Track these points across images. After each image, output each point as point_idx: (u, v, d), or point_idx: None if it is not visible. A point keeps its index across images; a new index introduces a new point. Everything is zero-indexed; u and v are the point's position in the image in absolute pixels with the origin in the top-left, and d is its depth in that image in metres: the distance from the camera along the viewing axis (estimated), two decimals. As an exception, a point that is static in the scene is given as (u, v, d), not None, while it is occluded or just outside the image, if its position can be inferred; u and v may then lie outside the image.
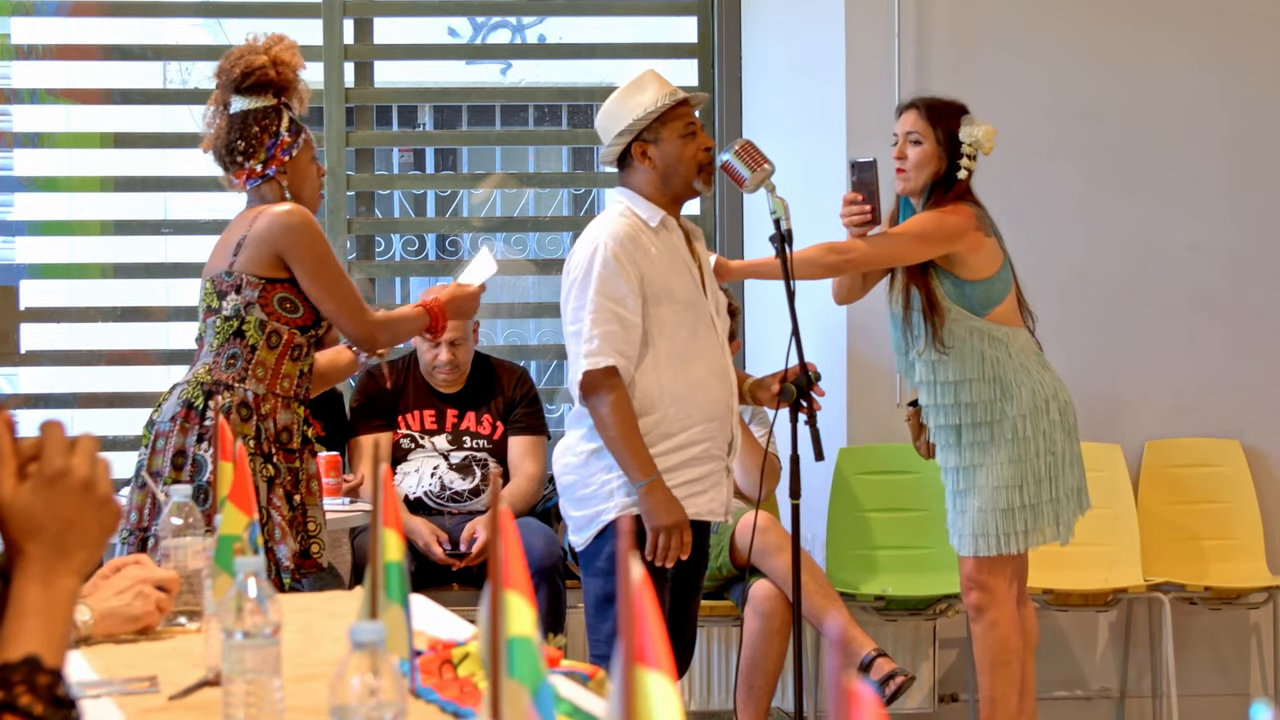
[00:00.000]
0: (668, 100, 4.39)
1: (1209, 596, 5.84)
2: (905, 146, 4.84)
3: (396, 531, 2.22)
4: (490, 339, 6.76)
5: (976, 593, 4.88)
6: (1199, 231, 6.09)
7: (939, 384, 4.84)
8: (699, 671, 5.75)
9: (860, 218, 4.77)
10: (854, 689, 1.04)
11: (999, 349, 4.81)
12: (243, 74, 4.41)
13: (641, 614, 1.18)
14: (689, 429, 4.37)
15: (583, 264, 4.35)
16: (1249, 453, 6.08)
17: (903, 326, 4.86)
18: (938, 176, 4.83)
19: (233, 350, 4.23)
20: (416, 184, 8.30)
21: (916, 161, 4.83)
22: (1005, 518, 4.80)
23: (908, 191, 4.88)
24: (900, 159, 4.84)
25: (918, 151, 4.82)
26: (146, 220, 6.61)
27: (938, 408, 4.86)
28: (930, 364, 4.84)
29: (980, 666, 4.94)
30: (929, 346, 4.81)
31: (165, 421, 4.20)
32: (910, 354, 4.88)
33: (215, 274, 4.29)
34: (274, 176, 4.34)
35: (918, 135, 4.83)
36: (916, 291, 4.81)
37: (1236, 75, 6.10)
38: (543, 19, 8.47)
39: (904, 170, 4.84)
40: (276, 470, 4.21)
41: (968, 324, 4.81)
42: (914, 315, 4.82)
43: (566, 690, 2.40)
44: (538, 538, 5.38)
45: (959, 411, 4.82)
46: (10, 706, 1.56)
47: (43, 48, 6.34)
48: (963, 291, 4.82)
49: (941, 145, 4.82)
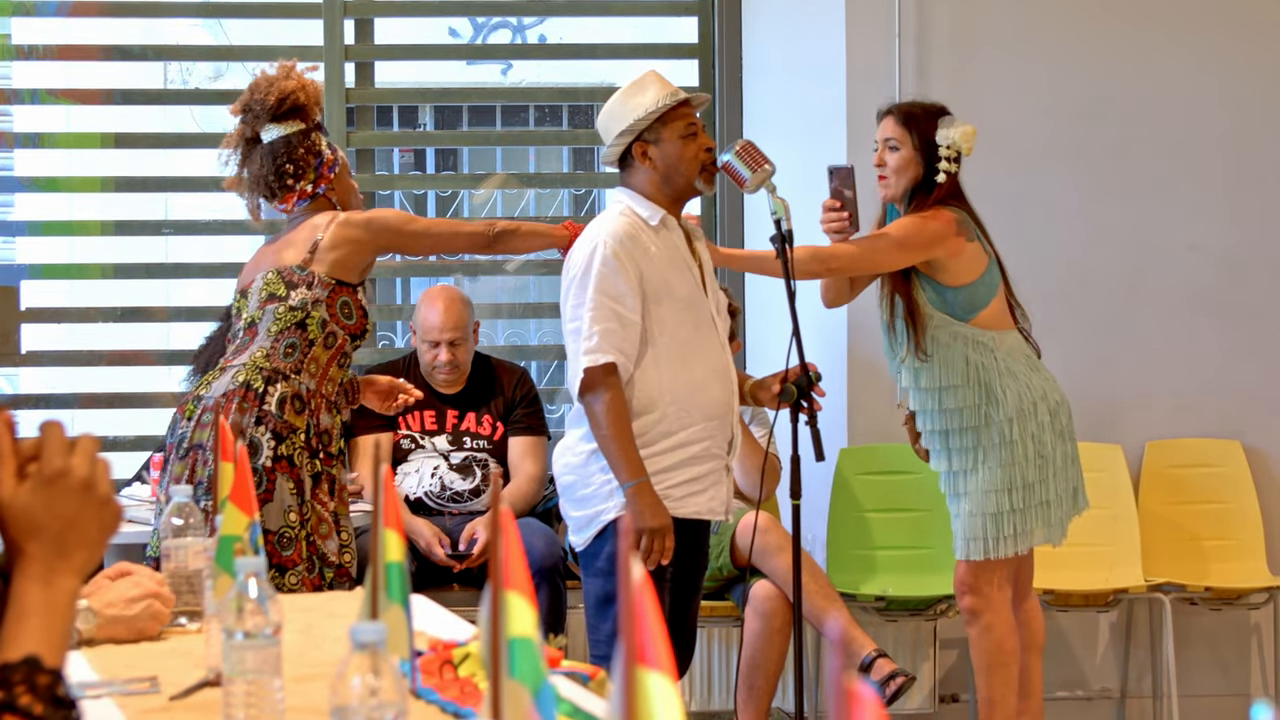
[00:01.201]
0: (669, 100, 4.39)
1: (1209, 597, 5.84)
2: (884, 153, 4.85)
3: (397, 532, 2.23)
4: (490, 339, 6.76)
5: (969, 597, 4.88)
6: (1198, 231, 6.09)
7: (924, 390, 4.85)
8: (699, 672, 5.75)
9: (839, 224, 4.79)
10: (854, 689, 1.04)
11: (983, 354, 4.81)
12: (278, 101, 4.57)
13: (642, 614, 1.18)
14: (689, 428, 4.37)
15: (582, 262, 4.35)
16: (1249, 453, 6.08)
17: (889, 333, 4.87)
18: (917, 181, 4.83)
19: (291, 340, 4.43)
20: (417, 184, 8.30)
21: (895, 167, 4.83)
22: (994, 521, 4.80)
23: (889, 198, 4.89)
24: (880, 165, 4.85)
25: (896, 157, 4.83)
26: (147, 221, 6.61)
27: (925, 413, 4.88)
28: (914, 370, 4.84)
29: (977, 669, 4.94)
30: (910, 354, 4.81)
31: (216, 398, 4.32)
32: (896, 360, 4.88)
33: (284, 267, 4.49)
34: (324, 194, 4.59)
35: (895, 141, 4.83)
36: (898, 298, 4.82)
37: (1236, 75, 6.10)
38: (543, 19, 8.47)
39: (884, 177, 4.85)
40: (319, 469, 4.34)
41: (951, 330, 4.81)
42: (898, 322, 4.83)
43: (567, 690, 2.41)
44: (538, 538, 5.38)
45: (945, 417, 4.83)
46: (10, 706, 1.55)
47: (43, 48, 6.34)
48: (945, 298, 4.82)
49: (918, 150, 4.81)
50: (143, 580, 2.87)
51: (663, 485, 4.33)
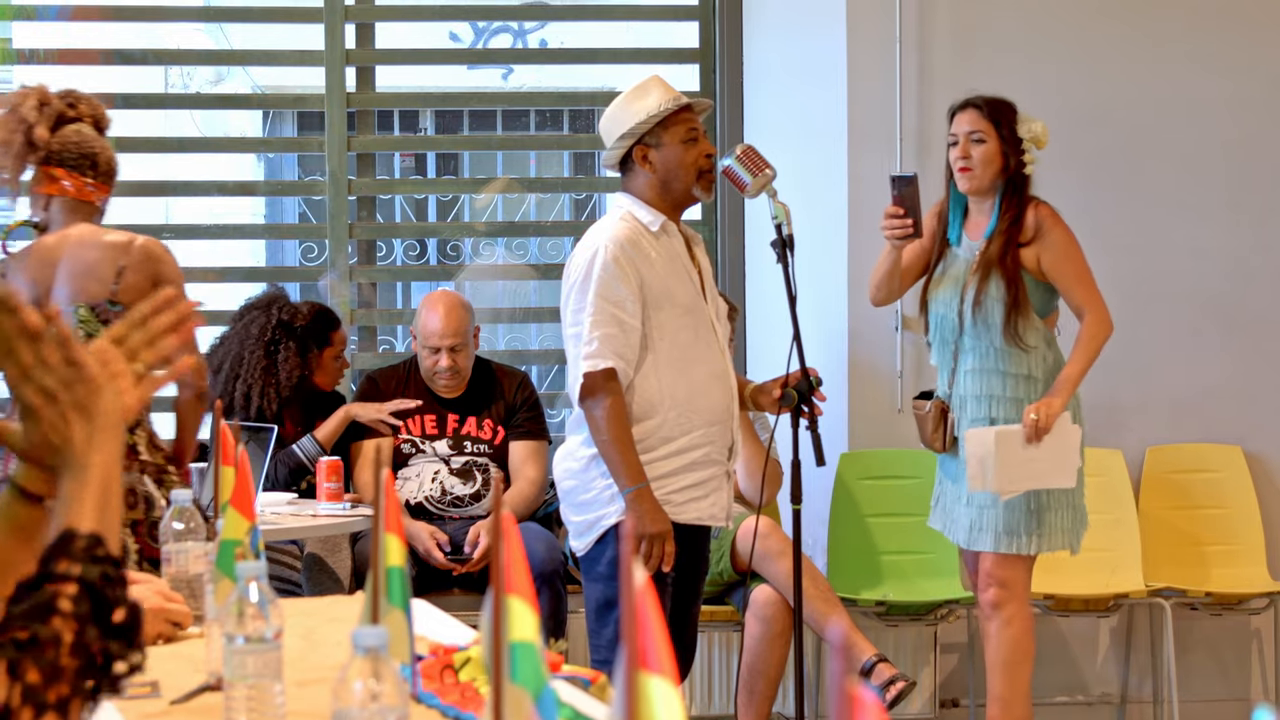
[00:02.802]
0: (671, 105, 4.39)
1: (1210, 602, 5.84)
2: (967, 146, 4.89)
3: (398, 536, 2.23)
4: (491, 344, 6.76)
5: (995, 589, 4.89)
6: (1202, 236, 6.08)
7: (999, 374, 4.86)
8: (700, 676, 5.75)
9: (902, 230, 4.82)
10: (855, 694, 1.04)
11: (1054, 351, 4.91)
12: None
13: (644, 618, 1.18)
14: (689, 433, 4.37)
15: (583, 267, 4.35)
16: (1250, 458, 6.08)
17: (972, 311, 4.85)
18: (1002, 174, 4.88)
19: None
20: (418, 189, 8.29)
21: (982, 159, 4.88)
22: (1036, 518, 4.83)
23: (974, 190, 4.91)
24: (965, 158, 4.88)
25: (982, 150, 4.88)
26: (148, 225, 6.60)
27: (985, 398, 4.88)
28: (997, 352, 4.85)
29: (992, 665, 4.93)
30: (1009, 341, 4.82)
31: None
32: (963, 339, 4.88)
33: (97, 302, 4.30)
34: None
35: (980, 134, 4.88)
36: (1003, 284, 4.83)
37: (1241, 79, 6.10)
38: (544, 24, 8.47)
39: (969, 169, 4.88)
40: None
41: (1034, 323, 4.89)
42: (991, 303, 4.84)
43: (568, 695, 2.40)
44: (539, 543, 5.38)
45: (1006, 405, 4.85)
46: (49, 576, 1.59)
47: (44, 52, 6.34)
48: (1036, 294, 4.90)
49: (1006, 142, 4.88)
50: (148, 595, 2.86)
51: (663, 491, 4.33)
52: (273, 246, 7.98)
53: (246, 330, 5.68)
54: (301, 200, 8.18)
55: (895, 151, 5.89)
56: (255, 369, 5.61)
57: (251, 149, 8.33)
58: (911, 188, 4.80)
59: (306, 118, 7.97)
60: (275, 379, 5.62)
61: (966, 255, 4.94)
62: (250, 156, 8.34)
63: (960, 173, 4.89)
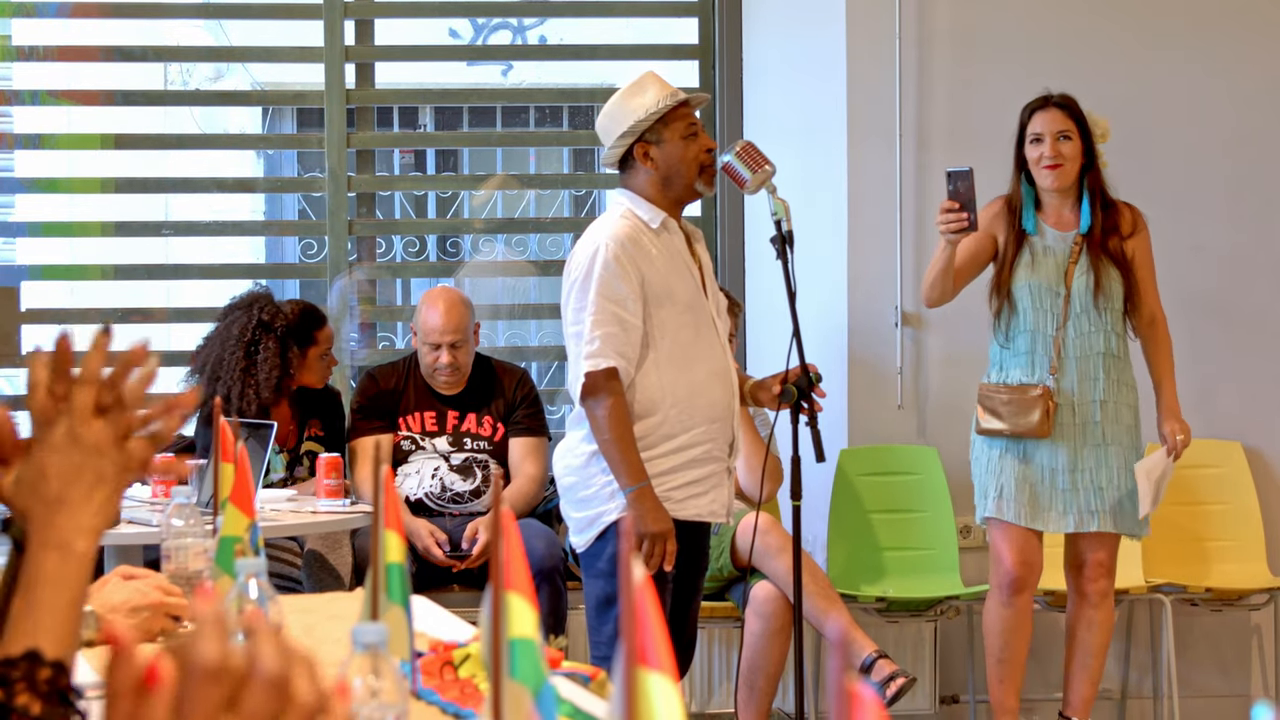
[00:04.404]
0: (669, 101, 4.38)
1: (1210, 598, 5.84)
2: (1057, 144, 5.06)
3: (397, 533, 2.22)
4: (491, 340, 6.75)
5: (1105, 580, 5.14)
6: (1202, 233, 6.08)
7: (1112, 357, 5.07)
8: (699, 673, 5.75)
9: (958, 224, 4.89)
10: (855, 690, 1.04)
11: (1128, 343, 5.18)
12: None
13: (643, 615, 1.18)
14: (690, 430, 4.37)
15: (583, 265, 4.34)
16: (1250, 454, 6.08)
17: (1094, 296, 5.02)
18: (1081, 170, 5.09)
19: None
20: (417, 185, 8.30)
21: (1072, 156, 5.07)
22: (1136, 504, 5.07)
23: (1062, 187, 5.08)
24: (1055, 156, 5.04)
25: (1070, 147, 5.07)
26: (147, 222, 6.61)
27: (1093, 381, 5.04)
28: (1105, 335, 5.05)
29: (1096, 650, 5.14)
30: (1121, 326, 5.08)
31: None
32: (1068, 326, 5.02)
33: None
34: None
35: (1068, 132, 5.07)
36: (1117, 271, 5.07)
37: (1240, 76, 6.10)
38: (544, 20, 8.47)
39: (1060, 166, 5.05)
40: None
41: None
42: (1113, 288, 5.05)
43: (568, 691, 2.40)
44: (538, 539, 5.38)
45: (1115, 389, 5.06)
46: (7, 708, 1.51)
47: (44, 49, 6.34)
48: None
49: (1085, 139, 5.10)
50: (148, 590, 2.86)
51: (664, 487, 4.33)
52: (272, 243, 7.98)
53: (228, 330, 5.62)
54: (301, 197, 8.18)
55: (895, 148, 5.89)
56: (235, 370, 5.55)
57: (251, 146, 8.34)
58: (967, 182, 4.87)
59: (306, 114, 7.97)
60: (255, 380, 5.55)
61: (1059, 245, 5.06)
62: (249, 153, 8.34)
63: (1050, 170, 5.05)
